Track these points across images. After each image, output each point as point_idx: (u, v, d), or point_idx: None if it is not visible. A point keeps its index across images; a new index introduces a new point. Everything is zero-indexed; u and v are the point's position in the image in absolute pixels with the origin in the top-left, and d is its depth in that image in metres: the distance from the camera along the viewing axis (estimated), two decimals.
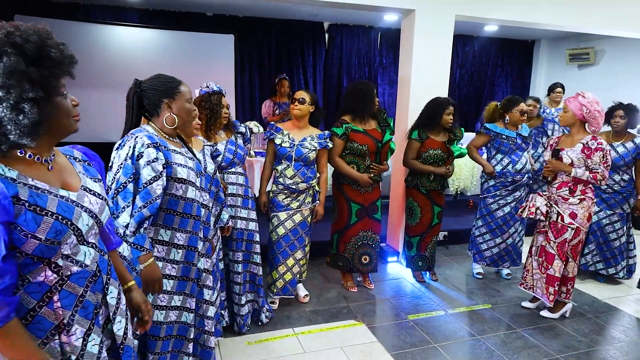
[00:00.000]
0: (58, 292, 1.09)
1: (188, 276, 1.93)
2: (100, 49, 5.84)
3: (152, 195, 1.72)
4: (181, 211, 1.85)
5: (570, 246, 3.04)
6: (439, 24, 3.92)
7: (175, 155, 1.82)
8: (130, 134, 1.78)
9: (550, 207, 3.07)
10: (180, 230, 1.87)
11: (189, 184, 1.84)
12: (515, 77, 8.50)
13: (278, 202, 3.10)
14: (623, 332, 3.09)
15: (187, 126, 1.92)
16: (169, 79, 1.86)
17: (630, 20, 4.69)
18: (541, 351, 2.81)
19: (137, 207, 1.71)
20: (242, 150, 2.81)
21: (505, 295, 3.59)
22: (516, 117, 3.55)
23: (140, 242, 1.73)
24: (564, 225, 3.01)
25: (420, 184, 3.59)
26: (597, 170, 2.91)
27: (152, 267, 1.76)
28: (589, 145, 2.92)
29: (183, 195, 1.83)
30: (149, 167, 1.71)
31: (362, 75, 7.52)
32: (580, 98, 2.90)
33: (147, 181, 1.71)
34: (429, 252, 3.76)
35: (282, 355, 2.68)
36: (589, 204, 2.99)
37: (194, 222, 1.90)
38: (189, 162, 1.87)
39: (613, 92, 7.00)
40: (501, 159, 3.61)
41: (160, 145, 1.77)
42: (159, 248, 1.85)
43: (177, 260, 1.89)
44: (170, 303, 1.91)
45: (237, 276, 2.78)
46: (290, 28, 6.97)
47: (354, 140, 3.28)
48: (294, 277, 3.18)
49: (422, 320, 3.15)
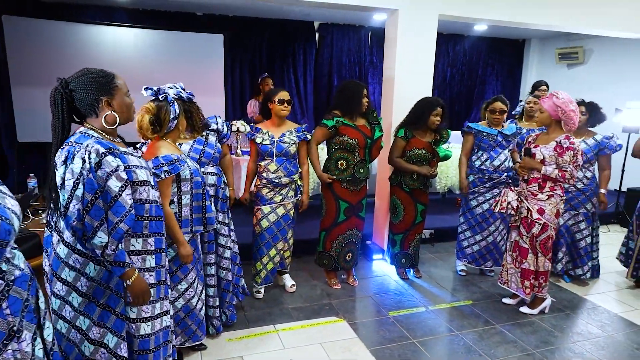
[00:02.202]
0: (6, 299, 1.07)
1: (160, 280, 1.91)
2: (89, 49, 5.87)
3: (126, 207, 1.63)
4: (148, 215, 1.79)
5: (538, 241, 3.09)
6: (422, 23, 3.95)
7: (129, 158, 1.74)
8: (74, 142, 1.64)
9: (521, 202, 3.12)
10: (151, 235, 1.82)
11: (149, 185, 1.78)
12: (505, 76, 8.55)
13: (262, 196, 3.20)
14: (600, 328, 3.13)
15: (130, 120, 1.82)
16: (101, 73, 1.72)
17: (618, 20, 4.74)
18: (518, 346, 2.85)
19: (113, 223, 1.60)
20: (212, 148, 2.67)
21: (487, 292, 3.63)
22: (489, 116, 3.65)
23: (121, 259, 1.65)
24: (532, 220, 3.07)
25: (403, 182, 3.62)
26: (566, 169, 2.95)
27: (139, 280, 1.72)
28: (562, 143, 2.97)
29: (147, 198, 1.78)
30: (113, 178, 1.61)
31: (352, 75, 7.55)
32: (555, 99, 2.93)
33: (117, 193, 1.61)
34: (413, 250, 3.79)
35: (261, 351, 2.72)
36: (557, 200, 3.04)
37: (158, 223, 1.86)
38: (142, 162, 1.81)
39: (602, 91, 7.08)
40: (481, 154, 3.67)
41: (114, 150, 1.66)
42: (134, 259, 1.78)
43: (153, 267, 1.86)
44: (154, 312, 1.88)
45: (210, 278, 2.71)
46: (280, 27, 7.00)
47: (344, 134, 3.32)
48: (274, 266, 3.33)
49: (403, 317, 3.19)
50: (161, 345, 1.92)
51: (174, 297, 2.38)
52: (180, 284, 2.39)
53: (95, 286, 1.71)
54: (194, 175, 2.35)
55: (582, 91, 7.12)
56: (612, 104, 6.17)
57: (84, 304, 1.71)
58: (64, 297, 1.71)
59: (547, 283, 3.20)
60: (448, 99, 8.28)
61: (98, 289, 1.72)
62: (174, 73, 6.02)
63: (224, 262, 2.82)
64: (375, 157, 3.53)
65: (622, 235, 5.13)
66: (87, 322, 1.72)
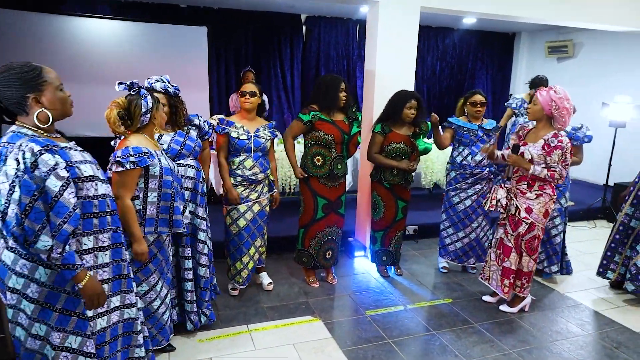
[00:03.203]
0: None
1: (120, 274, 1.89)
2: (71, 42, 5.74)
3: (69, 207, 1.55)
4: (97, 211, 1.73)
5: (524, 241, 3.03)
6: (404, 15, 3.86)
7: (71, 153, 1.66)
8: (6, 143, 1.54)
9: (510, 200, 3.05)
10: (102, 231, 1.76)
11: (96, 180, 1.72)
12: (496, 70, 8.47)
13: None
14: (580, 326, 3.08)
15: (67, 114, 1.70)
16: (25, 68, 1.58)
17: (607, 14, 4.66)
18: (495, 346, 2.80)
19: (56, 225, 1.53)
20: (193, 142, 2.69)
21: (468, 289, 3.58)
22: (470, 110, 3.58)
23: (70, 261, 1.58)
24: (519, 219, 3.00)
25: (383, 178, 3.55)
26: (555, 169, 2.87)
27: (91, 283, 1.66)
28: (550, 142, 2.88)
29: (95, 193, 1.71)
30: (52, 177, 1.52)
31: (340, 68, 7.46)
32: (552, 93, 2.83)
33: (57, 193, 1.52)
34: (393, 247, 3.73)
35: (232, 352, 2.65)
36: (547, 200, 2.96)
37: (112, 218, 1.80)
38: (86, 156, 1.73)
39: (591, 84, 7.03)
40: (462, 150, 3.61)
41: (51, 147, 1.57)
42: (87, 258, 1.73)
43: (107, 263, 1.81)
44: (110, 306, 1.86)
45: (187, 272, 2.69)
46: (266, 20, 6.89)
47: (320, 129, 3.26)
48: (254, 264, 3.28)
49: (380, 316, 3.13)
50: (120, 335, 1.91)
51: None
52: (141, 286, 2.29)
53: (47, 291, 1.64)
54: (163, 174, 2.24)
55: (572, 85, 7.07)
56: (602, 97, 6.12)
57: (37, 310, 1.64)
58: (16, 305, 1.65)
59: (530, 284, 3.14)
60: (437, 92, 8.21)
61: (52, 294, 1.64)
62: (157, 66, 5.92)
63: (203, 258, 2.77)
64: (352, 153, 3.46)
65: (609, 231, 5.10)
66: (45, 328, 1.66)
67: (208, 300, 2.85)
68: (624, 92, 5.77)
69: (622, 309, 3.34)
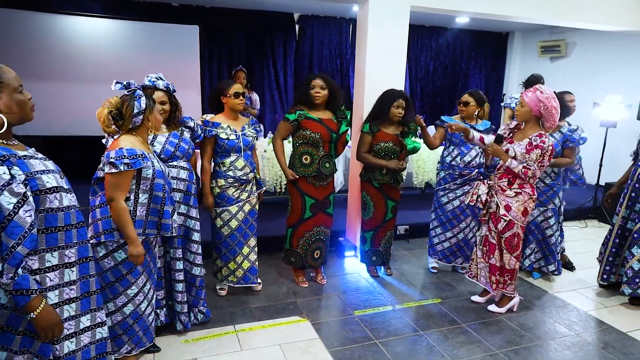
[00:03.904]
0: None
1: (89, 291, 1.75)
2: (61, 40, 5.72)
3: (24, 227, 1.39)
4: (63, 224, 1.58)
5: (503, 238, 3.03)
6: (394, 14, 3.84)
7: (31, 162, 1.50)
8: None
9: (491, 196, 3.05)
10: (68, 246, 1.61)
11: (61, 191, 1.57)
12: (489, 69, 8.48)
13: (229, 197, 3.06)
14: (568, 327, 3.08)
15: (27, 119, 1.55)
16: None
17: (600, 13, 4.65)
18: (482, 346, 2.79)
19: (8, 247, 1.37)
20: (187, 144, 2.71)
21: (457, 289, 3.57)
22: (459, 109, 3.59)
23: (23, 286, 1.41)
24: (499, 216, 3.01)
25: (372, 177, 3.54)
26: (529, 167, 2.88)
27: (47, 311, 1.49)
28: (533, 141, 2.89)
29: (59, 205, 1.56)
30: (6, 193, 1.37)
31: (333, 67, 7.44)
32: (538, 93, 2.83)
33: (11, 211, 1.37)
34: (383, 247, 3.72)
35: (217, 353, 2.63)
36: (525, 198, 2.96)
37: (77, 231, 1.66)
38: (48, 165, 1.58)
39: (584, 84, 7.03)
40: (452, 150, 3.60)
41: (8, 157, 1.43)
42: (51, 276, 1.56)
43: (74, 280, 1.65)
44: (79, 327, 1.70)
45: (178, 274, 2.70)
46: (259, 19, 6.87)
47: (307, 128, 3.24)
48: (252, 265, 3.23)
49: (368, 316, 3.12)
50: (93, 358, 1.79)
51: (122, 303, 2.28)
52: (130, 289, 2.27)
53: (8, 313, 1.49)
54: (156, 176, 2.21)
55: (565, 85, 7.05)
56: (593, 97, 6.13)
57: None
58: None
59: (514, 282, 3.14)
60: (431, 92, 8.21)
61: (13, 316, 1.50)
62: (149, 65, 5.89)
63: (197, 258, 2.80)
64: (340, 152, 3.44)
65: (600, 231, 5.12)
66: (4, 354, 1.51)
67: (203, 298, 2.88)
68: (616, 92, 5.78)
69: (611, 309, 3.34)
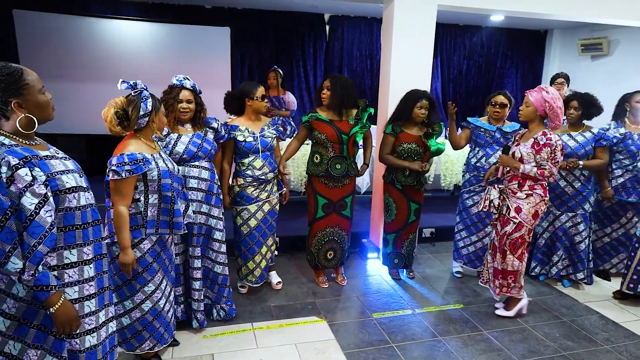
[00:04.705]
0: None
1: (103, 287, 1.79)
2: (96, 43, 5.95)
3: (44, 227, 1.44)
4: (80, 223, 1.62)
5: (509, 240, 2.94)
6: (420, 14, 3.78)
7: (52, 163, 1.54)
8: None
9: (503, 200, 2.99)
10: (85, 243, 1.65)
11: (80, 190, 1.61)
12: (526, 69, 8.19)
13: (247, 196, 3.11)
14: (598, 339, 2.93)
15: (48, 119, 1.60)
16: (5, 70, 1.47)
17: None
18: (502, 355, 2.70)
19: (29, 246, 1.41)
20: (210, 144, 2.76)
21: (482, 295, 3.47)
22: (490, 110, 3.49)
23: (44, 282, 1.46)
24: (508, 218, 2.93)
25: (395, 179, 3.49)
26: (544, 167, 2.79)
27: (66, 307, 1.54)
28: (538, 140, 2.81)
29: (77, 204, 1.60)
30: (28, 194, 1.41)
31: (363, 67, 7.41)
32: (544, 93, 2.77)
33: (33, 212, 1.42)
34: (406, 250, 3.67)
35: (233, 350, 2.67)
36: (537, 200, 2.87)
37: (93, 229, 1.69)
38: (68, 164, 1.61)
39: (627, 84, 6.67)
40: (477, 151, 3.52)
41: (30, 158, 1.46)
42: (70, 272, 1.61)
43: (92, 277, 1.69)
44: (98, 322, 1.75)
45: (196, 272, 2.75)
46: (289, 20, 6.91)
47: (316, 129, 3.27)
48: (267, 263, 3.31)
49: (386, 319, 3.08)
50: (108, 352, 1.84)
51: (140, 300, 2.34)
52: (147, 286, 2.33)
53: (25, 307, 1.53)
54: (162, 177, 2.24)
55: (607, 84, 6.77)
56: None
57: (13, 327, 1.53)
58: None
59: (518, 284, 3.03)
60: (464, 93, 8.02)
61: (29, 310, 1.54)
62: (180, 67, 6.03)
63: (221, 257, 2.87)
64: (352, 153, 3.34)
65: None
66: (19, 345, 1.55)
67: (226, 296, 2.94)
68: None
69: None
